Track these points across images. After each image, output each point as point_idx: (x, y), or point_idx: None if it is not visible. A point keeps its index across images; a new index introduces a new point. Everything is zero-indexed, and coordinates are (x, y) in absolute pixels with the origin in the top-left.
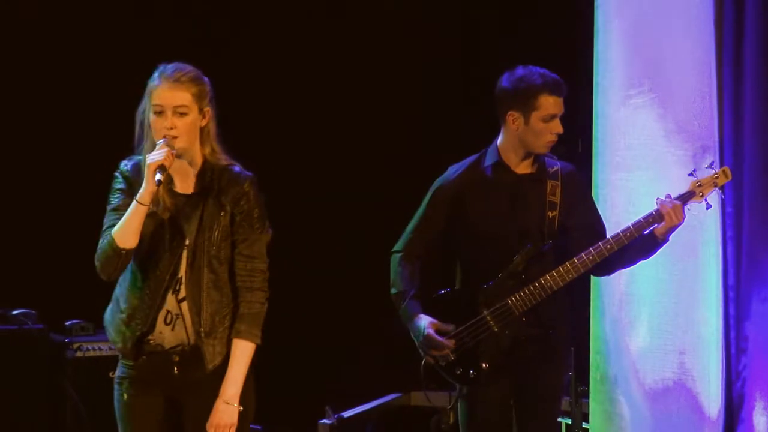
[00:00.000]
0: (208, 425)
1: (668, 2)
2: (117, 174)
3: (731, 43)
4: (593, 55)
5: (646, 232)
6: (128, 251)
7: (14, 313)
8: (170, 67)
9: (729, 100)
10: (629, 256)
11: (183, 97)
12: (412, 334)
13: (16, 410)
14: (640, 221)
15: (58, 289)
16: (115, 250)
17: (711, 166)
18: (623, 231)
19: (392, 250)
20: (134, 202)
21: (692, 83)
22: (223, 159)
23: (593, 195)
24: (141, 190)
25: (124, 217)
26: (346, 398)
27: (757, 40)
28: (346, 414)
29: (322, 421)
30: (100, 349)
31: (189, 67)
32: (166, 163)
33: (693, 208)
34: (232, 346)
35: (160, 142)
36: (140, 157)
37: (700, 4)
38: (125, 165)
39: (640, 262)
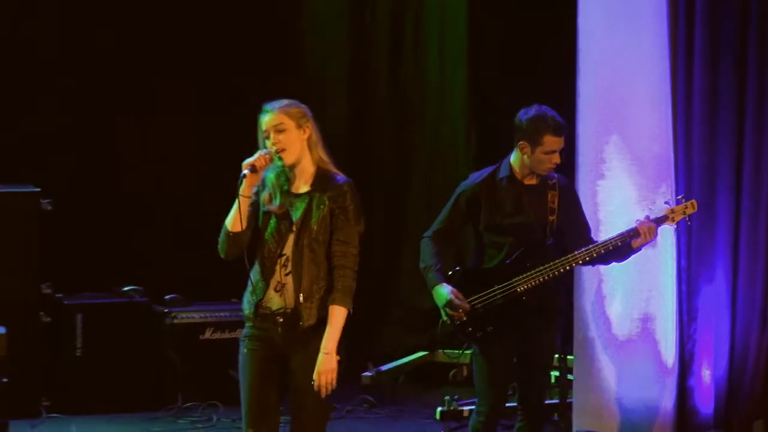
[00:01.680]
0: (315, 373)
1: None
2: (240, 180)
3: (683, 90)
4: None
5: (623, 243)
6: (236, 234)
7: (125, 289)
8: (268, 103)
9: (681, 128)
10: (608, 258)
11: (278, 117)
12: (434, 298)
13: (127, 365)
14: (623, 233)
15: (159, 269)
16: (226, 233)
17: (682, 197)
18: (609, 239)
19: (423, 234)
20: (239, 197)
21: (652, 119)
22: (331, 166)
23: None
24: (241, 188)
25: (231, 212)
26: (383, 356)
27: (701, 87)
28: (383, 368)
29: (365, 374)
30: (191, 317)
31: (284, 100)
32: (257, 164)
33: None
34: (329, 310)
35: (261, 150)
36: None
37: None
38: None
39: (613, 263)
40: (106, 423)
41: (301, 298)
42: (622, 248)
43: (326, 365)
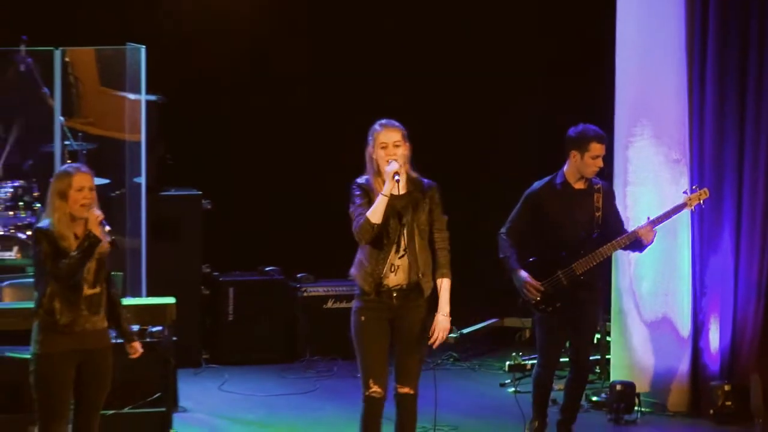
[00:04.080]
0: (434, 330)
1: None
2: (355, 186)
3: (698, 87)
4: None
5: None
6: (376, 225)
7: (266, 269)
8: (384, 121)
9: (696, 118)
10: (632, 248)
11: (399, 134)
12: (514, 282)
13: (267, 327)
14: (635, 230)
15: (293, 253)
16: (370, 224)
17: (696, 187)
18: (630, 232)
19: (499, 231)
20: (380, 196)
21: (673, 109)
22: (414, 173)
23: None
24: (384, 189)
25: (374, 205)
26: (465, 321)
27: (713, 80)
28: (465, 330)
29: (450, 335)
30: (317, 290)
31: (394, 120)
32: (399, 171)
33: (684, 214)
34: (439, 282)
35: (391, 162)
36: (367, 177)
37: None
38: (361, 180)
39: (637, 252)
40: (250, 371)
41: (420, 275)
42: (635, 242)
43: (444, 324)
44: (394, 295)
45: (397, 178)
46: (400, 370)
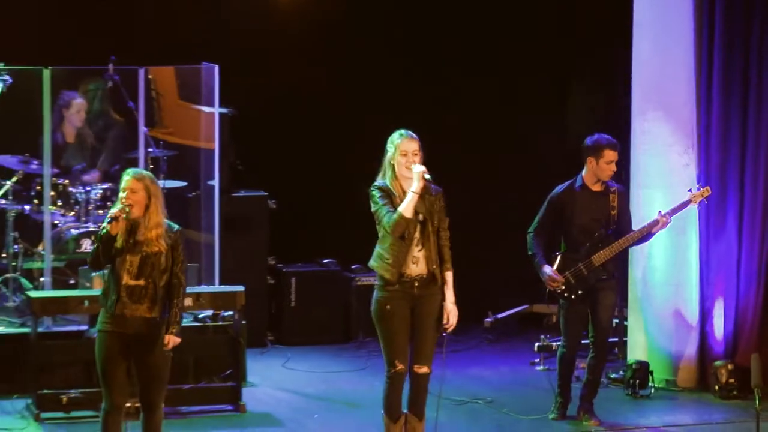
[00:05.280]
0: (448, 317)
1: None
2: (375, 189)
3: (705, 84)
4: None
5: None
6: (408, 219)
7: (324, 261)
8: (403, 131)
9: (703, 115)
10: (641, 241)
11: (418, 144)
12: (540, 275)
13: (325, 312)
14: (649, 223)
15: (348, 248)
16: (404, 219)
17: (700, 185)
18: (642, 227)
19: (527, 231)
20: (411, 193)
21: (682, 102)
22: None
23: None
24: (414, 187)
25: (405, 202)
26: (499, 307)
27: (720, 78)
28: (500, 315)
29: (486, 320)
30: (369, 280)
31: (410, 131)
32: (426, 173)
33: (692, 213)
34: (444, 276)
35: (415, 167)
36: (384, 181)
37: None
38: (378, 184)
39: (642, 244)
40: (310, 351)
41: (434, 267)
42: (645, 236)
43: (455, 311)
44: (416, 284)
45: (427, 176)
46: (418, 351)
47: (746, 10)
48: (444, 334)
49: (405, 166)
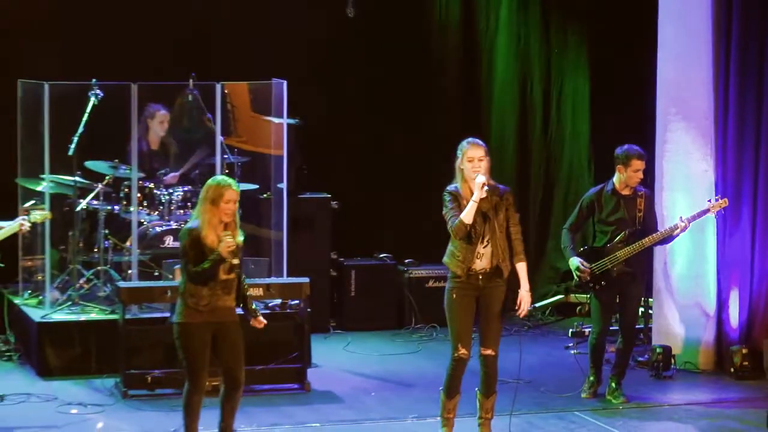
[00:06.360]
0: (521, 302)
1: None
2: (446, 193)
3: (722, 99)
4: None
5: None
6: (468, 224)
7: (381, 255)
8: (471, 139)
9: (720, 125)
10: (663, 242)
11: (484, 151)
12: (570, 265)
13: (381, 301)
14: (672, 226)
15: (403, 243)
16: (464, 224)
17: (718, 197)
18: (665, 229)
19: (563, 227)
20: (471, 202)
21: (701, 115)
22: (491, 181)
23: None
24: (474, 196)
25: (466, 209)
26: (535, 298)
27: (737, 83)
28: (538, 305)
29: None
30: (421, 272)
31: (477, 138)
32: (486, 183)
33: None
34: (518, 266)
35: (478, 175)
36: (456, 185)
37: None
38: (451, 188)
39: (665, 244)
40: (368, 336)
41: (500, 261)
42: (666, 238)
43: (528, 298)
44: (480, 277)
45: (486, 188)
46: (484, 336)
47: (760, 34)
48: (521, 317)
49: (471, 171)
